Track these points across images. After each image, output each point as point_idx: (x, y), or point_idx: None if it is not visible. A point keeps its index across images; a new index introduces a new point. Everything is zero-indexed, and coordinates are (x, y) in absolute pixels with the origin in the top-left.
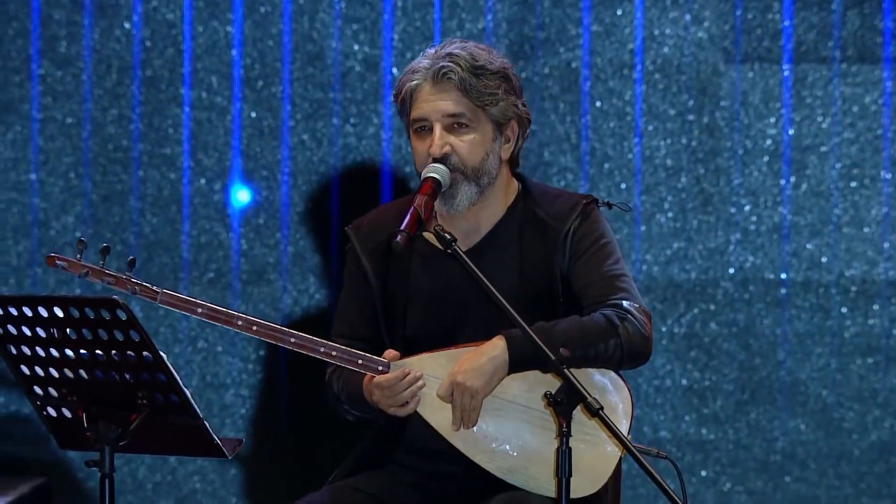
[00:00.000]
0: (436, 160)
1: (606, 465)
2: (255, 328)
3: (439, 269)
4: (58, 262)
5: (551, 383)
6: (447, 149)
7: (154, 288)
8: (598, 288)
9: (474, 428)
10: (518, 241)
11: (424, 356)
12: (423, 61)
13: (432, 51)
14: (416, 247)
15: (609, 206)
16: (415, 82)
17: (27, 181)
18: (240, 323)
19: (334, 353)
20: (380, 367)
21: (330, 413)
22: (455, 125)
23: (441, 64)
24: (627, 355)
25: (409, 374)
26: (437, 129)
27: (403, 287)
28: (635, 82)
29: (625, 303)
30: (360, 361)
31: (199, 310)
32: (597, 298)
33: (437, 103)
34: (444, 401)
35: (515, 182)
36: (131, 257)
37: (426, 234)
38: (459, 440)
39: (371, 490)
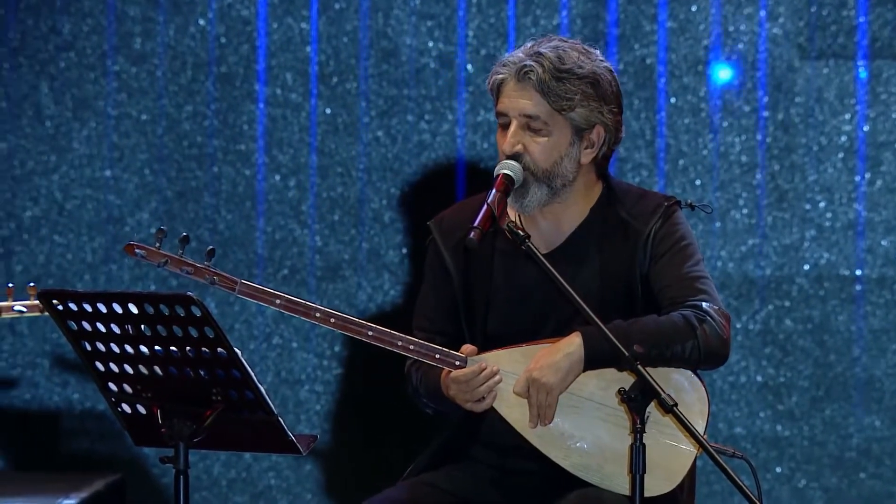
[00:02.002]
0: (510, 157)
1: (682, 464)
2: (332, 320)
3: (520, 267)
4: (137, 250)
5: (627, 381)
6: (519, 147)
7: (233, 278)
8: (677, 289)
9: (550, 424)
10: (600, 241)
11: (501, 352)
12: (516, 54)
13: (529, 44)
14: (497, 244)
15: (692, 207)
16: (501, 76)
17: (102, 178)
18: (318, 315)
19: (412, 346)
20: (457, 362)
21: (404, 409)
22: (531, 125)
23: (526, 62)
24: (704, 357)
25: (485, 369)
26: (513, 126)
27: (485, 283)
28: (710, 78)
29: (704, 304)
30: (437, 356)
31: (278, 301)
32: (676, 299)
33: (516, 101)
34: (521, 397)
35: (600, 183)
36: (210, 247)
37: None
38: (535, 436)
39: (447, 486)
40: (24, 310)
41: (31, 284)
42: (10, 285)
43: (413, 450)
